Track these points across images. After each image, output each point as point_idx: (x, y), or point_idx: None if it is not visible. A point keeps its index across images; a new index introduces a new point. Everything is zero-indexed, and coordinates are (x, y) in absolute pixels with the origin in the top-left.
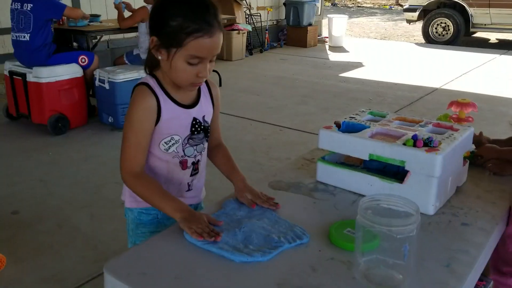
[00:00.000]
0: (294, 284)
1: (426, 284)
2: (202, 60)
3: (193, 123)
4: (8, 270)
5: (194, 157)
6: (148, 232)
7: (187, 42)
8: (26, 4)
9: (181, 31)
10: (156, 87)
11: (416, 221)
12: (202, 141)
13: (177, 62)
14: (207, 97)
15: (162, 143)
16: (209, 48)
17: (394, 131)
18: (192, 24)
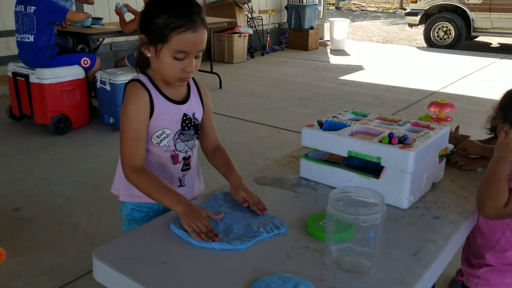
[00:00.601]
0: (269, 270)
1: (393, 271)
2: (187, 55)
3: (183, 119)
4: (8, 264)
5: (185, 153)
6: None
7: (172, 37)
8: (30, 6)
9: (166, 27)
10: (148, 84)
11: (381, 210)
12: (193, 138)
13: (164, 57)
14: (197, 97)
15: (154, 136)
16: (193, 43)
17: (373, 129)
18: (176, 20)
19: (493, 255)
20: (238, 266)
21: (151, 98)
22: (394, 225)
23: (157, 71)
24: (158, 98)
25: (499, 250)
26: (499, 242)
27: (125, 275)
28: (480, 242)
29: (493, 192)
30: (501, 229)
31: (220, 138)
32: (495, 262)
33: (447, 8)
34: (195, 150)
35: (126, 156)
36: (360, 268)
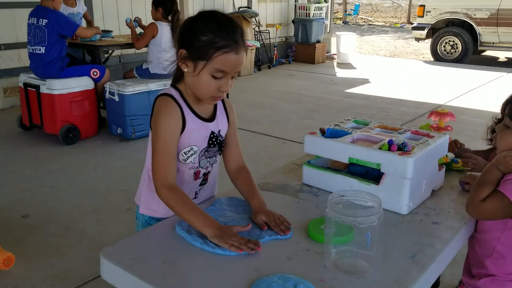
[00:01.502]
0: (270, 270)
1: (391, 272)
2: (225, 75)
3: (210, 136)
4: (17, 268)
5: (206, 169)
6: None
7: (215, 56)
8: (42, 19)
9: (210, 46)
10: (180, 99)
11: (378, 212)
12: (215, 154)
13: (203, 74)
14: (223, 113)
15: (182, 153)
16: (234, 64)
17: (373, 137)
18: (221, 40)
19: (493, 262)
20: (240, 267)
21: (183, 114)
22: (393, 230)
23: (191, 87)
24: (188, 114)
25: (497, 257)
26: (495, 248)
27: (131, 273)
28: (478, 251)
29: (476, 189)
30: (495, 236)
31: None
32: (496, 270)
33: (454, 22)
34: (215, 166)
35: (158, 172)
36: (359, 269)
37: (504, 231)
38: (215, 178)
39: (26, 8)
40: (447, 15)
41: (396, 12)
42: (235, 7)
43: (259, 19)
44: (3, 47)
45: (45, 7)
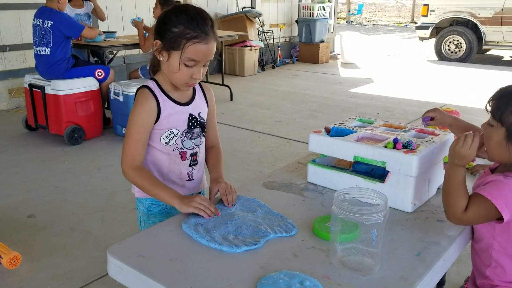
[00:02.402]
0: (276, 267)
1: (396, 269)
2: (197, 64)
3: (189, 119)
4: (23, 268)
5: (192, 149)
6: (158, 221)
7: (186, 46)
8: (47, 21)
9: (182, 37)
10: (156, 89)
11: (384, 209)
12: (199, 135)
13: (175, 63)
14: (202, 98)
15: (163, 137)
16: (204, 53)
17: (378, 135)
18: (192, 32)
19: (493, 272)
20: (246, 264)
21: (158, 103)
22: (398, 227)
23: (167, 75)
24: (165, 101)
25: (496, 266)
26: (492, 256)
27: (138, 271)
28: (478, 261)
29: (451, 198)
30: (489, 243)
31: (231, 148)
32: (497, 280)
33: (458, 21)
34: (202, 147)
35: (127, 155)
36: (364, 266)
37: (495, 237)
38: (203, 159)
39: (30, 10)
40: (451, 14)
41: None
42: (239, 7)
43: (262, 19)
44: (8, 48)
45: (50, 9)
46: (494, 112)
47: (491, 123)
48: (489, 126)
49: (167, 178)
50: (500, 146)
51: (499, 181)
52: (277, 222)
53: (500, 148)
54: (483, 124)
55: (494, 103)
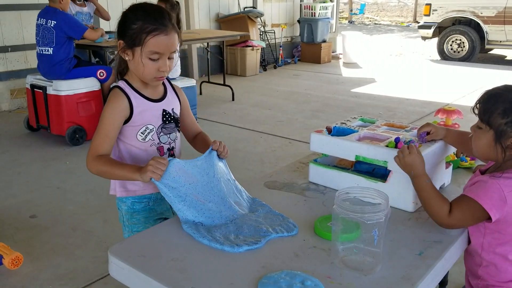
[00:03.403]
0: (277, 267)
1: (398, 269)
2: (161, 56)
3: (163, 114)
4: (25, 268)
5: (169, 144)
6: (142, 218)
7: (147, 40)
8: (50, 20)
9: (141, 31)
10: (126, 88)
11: (385, 209)
12: (174, 130)
13: (140, 59)
14: (173, 94)
15: (139, 133)
16: (165, 44)
17: (380, 135)
18: (150, 25)
19: (485, 271)
20: (247, 263)
21: (130, 101)
22: (400, 227)
23: (135, 73)
24: (136, 99)
25: (487, 264)
26: (482, 256)
27: (139, 271)
28: (471, 261)
29: (431, 208)
30: (479, 243)
31: (233, 148)
32: (491, 279)
33: (460, 21)
34: (177, 142)
35: (91, 149)
36: (366, 266)
37: (484, 237)
38: (180, 154)
39: (32, 10)
40: (454, 13)
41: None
42: (240, 7)
43: (264, 19)
44: (10, 49)
45: (54, 8)
46: (482, 115)
47: (480, 126)
48: (477, 128)
49: None
50: (489, 147)
51: (484, 181)
52: (278, 222)
53: (490, 149)
54: (472, 127)
55: (481, 106)
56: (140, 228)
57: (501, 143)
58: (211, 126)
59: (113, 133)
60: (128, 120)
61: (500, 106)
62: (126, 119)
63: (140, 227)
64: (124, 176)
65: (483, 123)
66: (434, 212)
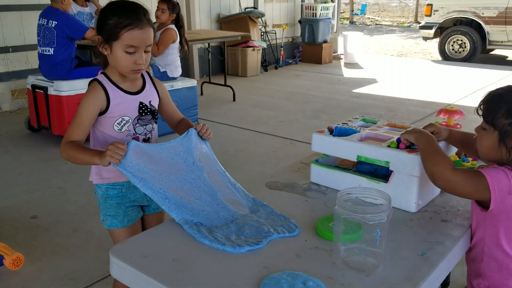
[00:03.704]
0: (279, 267)
1: (400, 270)
2: (137, 49)
3: (140, 106)
4: (26, 269)
5: (144, 135)
6: (115, 203)
7: (122, 34)
8: (51, 21)
9: (117, 26)
10: (104, 81)
11: (387, 209)
12: (150, 122)
13: (117, 52)
14: (152, 87)
15: (115, 124)
16: (140, 38)
17: (382, 135)
18: (125, 20)
19: (487, 267)
20: (249, 264)
21: (107, 93)
22: (402, 227)
23: (113, 66)
24: (114, 91)
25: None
26: (484, 251)
27: (140, 271)
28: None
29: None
30: (481, 237)
31: (234, 149)
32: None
33: (461, 21)
34: (154, 133)
35: (66, 135)
36: (368, 266)
37: (485, 230)
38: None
39: (33, 11)
40: (455, 14)
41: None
42: (241, 7)
43: (265, 20)
44: (11, 49)
45: (56, 9)
46: (486, 116)
47: (484, 127)
48: (482, 129)
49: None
50: (494, 148)
51: (496, 167)
52: (280, 223)
53: (494, 150)
54: (476, 128)
55: (484, 107)
56: (112, 213)
57: (505, 144)
58: (212, 127)
59: (87, 122)
60: (105, 111)
61: (504, 106)
62: (103, 110)
63: (112, 211)
64: (86, 160)
65: (487, 124)
66: (438, 162)
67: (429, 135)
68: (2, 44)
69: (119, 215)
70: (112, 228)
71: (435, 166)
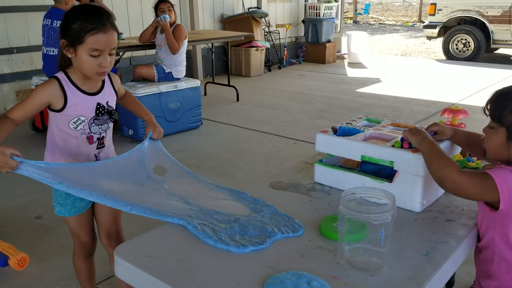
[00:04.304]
0: (283, 267)
1: (405, 269)
2: (101, 53)
3: (97, 107)
4: (31, 269)
5: (99, 134)
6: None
7: (86, 38)
8: (56, 21)
9: (80, 30)
10: (63, 80)
11: (392, 209)
12: (106, 122)
13: (82, 56)
14: (109, 86)
15: (71, 122)
16: (104, 42)
17: (386, 135)
18: (89, 25)
19: (497, 268)
20: (253, 264)
21: (65, 93)
22: (407, 227)
23: (79, 69)
24: (72, 91)
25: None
26: (494, 251)
27: (145, 271)
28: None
29: (442, 162)
30: (491, 237)
31: (238, 149)
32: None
33: (465, 20)
34: (109, 132)
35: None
36: (372, 266)
37: (495, 230)
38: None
39: (38, 12)
40: (459, 13)
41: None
42: (245, 7)
43: (268, 20)
44: (16, 50)
45: (60, 9)
46: (493, 114)
47: (491, 126)
48: (489, 128)
49: (76, 159)
50: (501, 146)
51: (503, 167)
52: (284, 222)
53: (502, 148)
54: (484, 128)
55: (491, 105)
56: (60, 202)
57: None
58: (216, 127)
59: (31, 108)
60: (62, 109)
61: (510, 103)
62: (60, 108)
63: (61, 200)
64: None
65: (495, 122)
66: (444, 166)
67: (430, 139)
68: (6, 45)
69: (67, 205)
70: (60, 215)
71: (441, 169)
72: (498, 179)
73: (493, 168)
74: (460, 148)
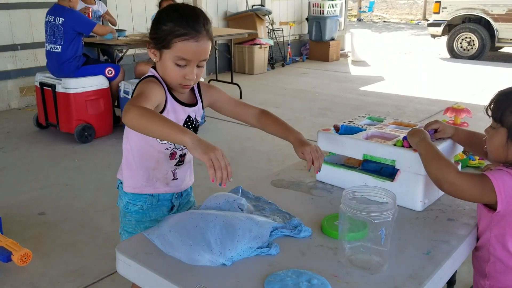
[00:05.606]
0: (284, 265)
1: (405, 268)
2: (188, 63)
3: (186, 120)
4: (34, 265)
5: (181, 150)
6: (134, 220)
7: (174, 44)
8: (59, 18)
9: (170, 34)
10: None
11: (392, 208)
12: None
13: (166, 62)
14: (200, 102)
15: None
16: (194, 51)
17: (388, 133)
18: (181, 29)
19: (493, 268)
20: (254, 262)
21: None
22: (408, 226)
23: (161, 75)
24: (169, 96)
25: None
26: (490, 251)
27: (146, 268)
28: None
29: (440, 165)
30: (487, 238)
31: (240, 146)
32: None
33: (470, 18)
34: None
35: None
36: (373, 265)
37: (492, 231)
38: (191, 160)
39: (42, 9)
40: (464, 11)
41: (412, 8)
42: (248, 5)
43: (272, 17)
44: (19, 47)
45: (63, 6)
46: (494, 114)
47: (493, 126)
48: (491, 129)
49: (152, 175)
50: (502, 146)
51: (501, 168)
52: (285, 220)
53: (503, 149)
54: (486, 129)
55: (493, 106)
56: (130, 229)
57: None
58: (219, 124)
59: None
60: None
61: None
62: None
63: (130, 228)
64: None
65: (496, 122)
66: (442, 167)
67: (428, 140)
68: (10, 41)
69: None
70: None
71: (439, 171)
72: (496, 181)
73: (492, 170)
74: (462, 147)
